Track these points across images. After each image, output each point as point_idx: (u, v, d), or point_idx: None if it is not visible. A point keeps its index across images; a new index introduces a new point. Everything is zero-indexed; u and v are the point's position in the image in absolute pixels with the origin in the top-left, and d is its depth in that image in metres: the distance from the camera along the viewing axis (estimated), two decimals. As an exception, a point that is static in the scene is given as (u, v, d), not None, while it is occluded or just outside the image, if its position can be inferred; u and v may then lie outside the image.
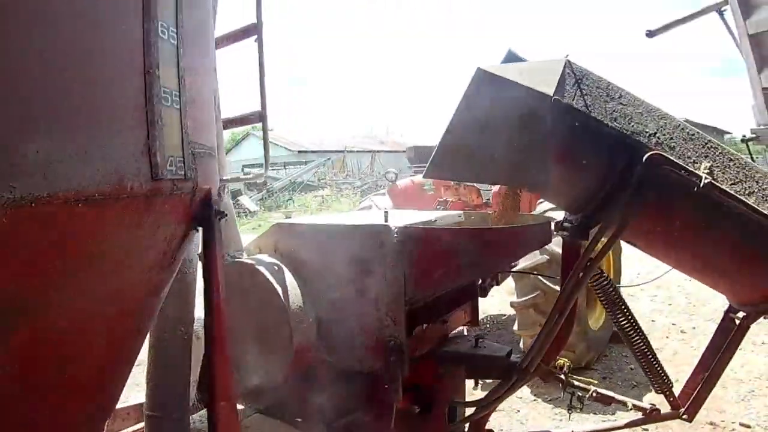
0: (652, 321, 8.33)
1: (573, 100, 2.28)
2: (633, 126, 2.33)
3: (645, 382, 6.40)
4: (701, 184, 2.23)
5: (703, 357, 2.93)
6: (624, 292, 7.64)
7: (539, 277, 5.65)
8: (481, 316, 8.92)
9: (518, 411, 5.69)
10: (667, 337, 7.76)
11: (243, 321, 2.63)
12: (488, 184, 5.59)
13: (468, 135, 2.45)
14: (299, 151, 46.69)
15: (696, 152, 2.39)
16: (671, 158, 2.26)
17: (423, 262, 2.32)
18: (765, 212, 2.34)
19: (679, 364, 6.66)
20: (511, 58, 2.59)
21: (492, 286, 7.10)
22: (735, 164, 2.44)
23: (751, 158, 6.32)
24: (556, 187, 2.54)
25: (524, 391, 6.22)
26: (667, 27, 5.52)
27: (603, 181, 2.36)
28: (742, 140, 5.77)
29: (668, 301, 9.08)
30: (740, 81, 5.68)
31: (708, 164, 2.35)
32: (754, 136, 5.54)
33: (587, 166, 2.37)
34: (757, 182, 2.45)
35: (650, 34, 5.55)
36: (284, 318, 2.48)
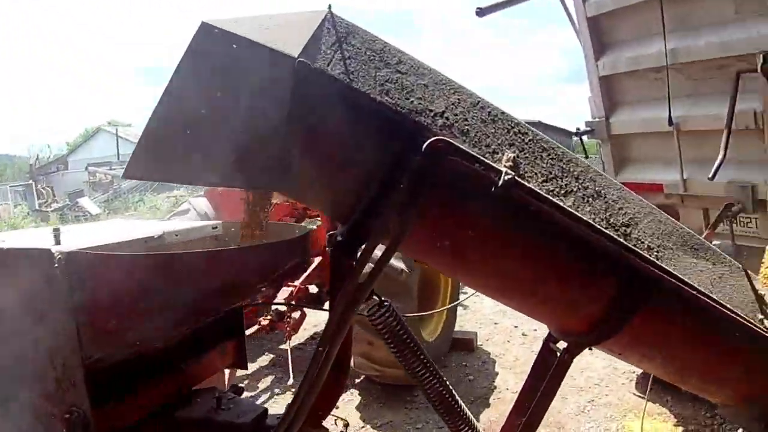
0: (495, 324, 8.05)
1: (329, 64, 1.59)
2: (413, 102, 1.67)
3: (483, 395, 6.02)
4: (500, 181, 1.62)
5: (521, 395, 2.36)
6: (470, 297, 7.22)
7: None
8: (319, 329, 8.36)
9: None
10: (508, 341, 7.47)
11: None
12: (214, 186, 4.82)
13: (183, 118, 1.68)
14: (155, 149, 44.12)
15: (498, 139, 1.78)
16: (461, 146, 1.63)
17: (99, 302, 1.55)
18: (585, 218, 1.77)
19: (519, 372, 6.34)
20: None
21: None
22: (550, 155, 1.86)
23: (585, 154, 6.05)
24: (311, 187, 1.83)
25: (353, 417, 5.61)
26: (498, 6, 5.06)
27: (370, 178, 1.69)
28: (575, 134, 5.44)
29: (512, 301, 8.85)
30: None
31: (512, 154, 1.75)
32: (588, 129, 5.24)
33: (349, 156, 1.68)
34: (576, 179, 1.89)
35: (480, 12, 5.07)
36: None
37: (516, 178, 1.66)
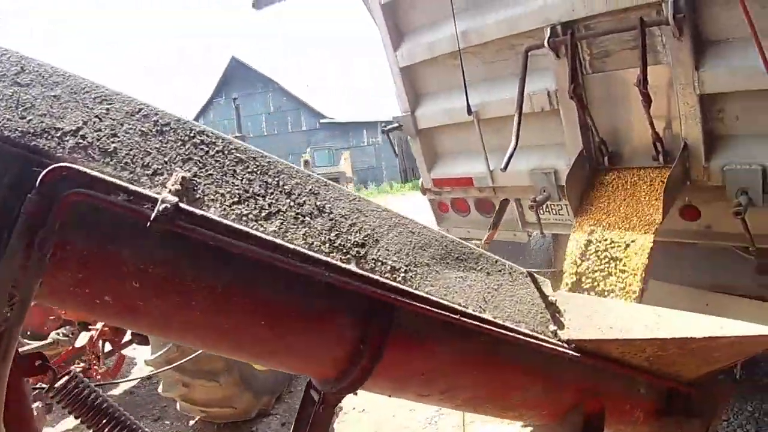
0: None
1: None
2: (30, 121, 1.21)
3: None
4: (153, 215, 1.18)
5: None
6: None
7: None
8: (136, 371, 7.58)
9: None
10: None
11: None
12: None
13: None
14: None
15: (166, 155, 1.34)
16: (93, 173, 1.18)
17: None
18: (291, 246, 1.38)
19: (366, 388, 6.01)
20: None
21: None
22: (248, 169, 1.46)
23: (394, 151, 5.84)
24: None
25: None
26: (275, -3, 4.71)
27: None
28: (383, 131, 5.21)
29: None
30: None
31: (184, 173, 1.32)
32: (396, 125, 4.98)
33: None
34: (288, 194, 1.50)
35: (256, 4, 4.70)
36: None
37: (181, 204, 1.23)
